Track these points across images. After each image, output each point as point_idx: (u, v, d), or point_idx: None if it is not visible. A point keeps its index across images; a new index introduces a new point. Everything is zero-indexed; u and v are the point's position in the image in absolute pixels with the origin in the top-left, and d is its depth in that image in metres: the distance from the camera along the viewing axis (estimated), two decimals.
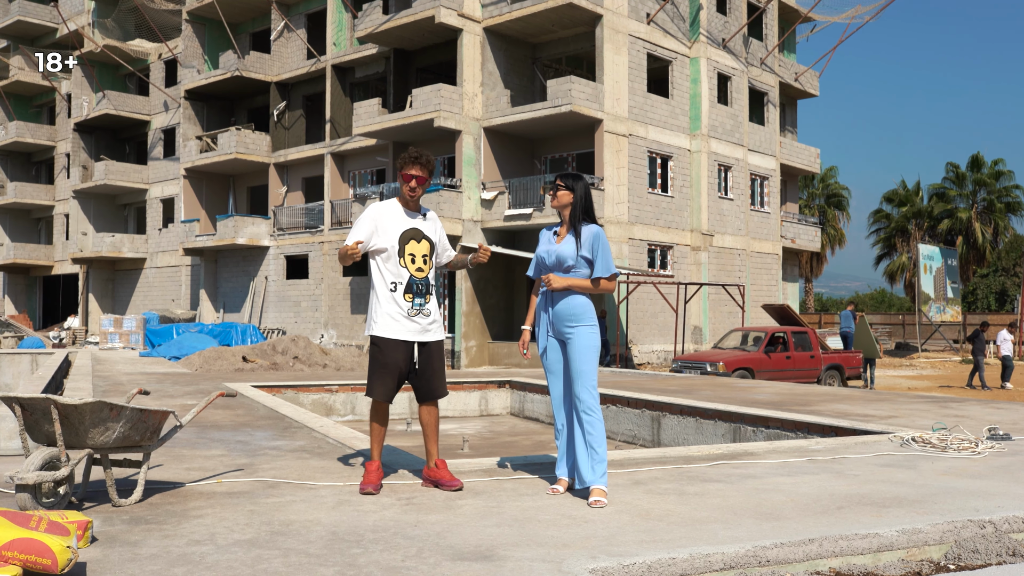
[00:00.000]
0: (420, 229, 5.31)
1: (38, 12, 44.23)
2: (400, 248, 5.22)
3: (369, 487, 5.00)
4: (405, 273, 5.21)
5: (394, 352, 5.16)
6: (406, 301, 5.19)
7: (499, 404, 14.37)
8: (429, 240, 5.33)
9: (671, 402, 10.54)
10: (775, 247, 32.13)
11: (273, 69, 33.04)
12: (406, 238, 5.24)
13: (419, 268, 5.25)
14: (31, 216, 48.06)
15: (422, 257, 5.28)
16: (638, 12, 26.66)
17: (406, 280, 5.21)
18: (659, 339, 27.00)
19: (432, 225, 5.40)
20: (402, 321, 5.17)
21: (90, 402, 4.36)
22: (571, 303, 5.12)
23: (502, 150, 26.68)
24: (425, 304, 5.25)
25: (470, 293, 25.61)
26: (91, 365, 17.55)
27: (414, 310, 5.20)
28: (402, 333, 5.17)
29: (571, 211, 5.21)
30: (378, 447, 5.26)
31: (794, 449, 6.79)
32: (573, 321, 5.11)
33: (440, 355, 5.38)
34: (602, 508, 4.72)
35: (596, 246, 5.12)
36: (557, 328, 5.16)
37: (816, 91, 35.69)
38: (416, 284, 5.23)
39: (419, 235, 5.29)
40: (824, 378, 20.29)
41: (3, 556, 3.13)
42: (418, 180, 5.24)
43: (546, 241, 5.28)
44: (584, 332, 5.09)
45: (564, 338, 5.14)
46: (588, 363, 5.07)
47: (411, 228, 5.28)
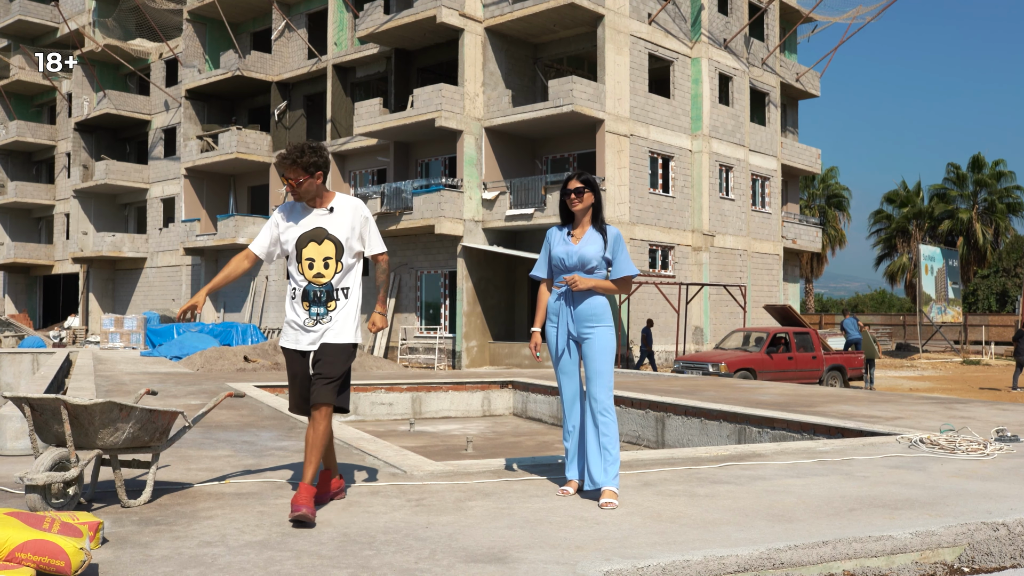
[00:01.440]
0: (324, 228, 4.72)
1: (39, 11, 44.20)
2: (297, 253, 4.72)
3: (301, 508, 4.25)
4: (302, 279, 4.72)
5: (292, 364, 4.77)
6: (303, 310, 4.72)
7: (502, 404, 14.35)
8: (335, 240, 4.72)
9: (675, 403, 10.52)
10: (776, 247, 32.12)
11: (274, 69, 33.03)
12: (304, 240, 4.71)
13: (318, 274, 4.71)
14: (31, 215, 48.03)
15: (323, 261, 4.71)
16: (639, 12, 26.65)
17: (302, 288, 4.72)
18: (660, 340, 26.98)
19: (341, 220, 4.76)
20: (298, 331, 4.73)
21: (100, 403, 4.34)
22: (592, 304, 5.10)
23: (503, 150, 26.66)
24: (327, 313, 4.71)
25: (471, 293, 25.60)
26: (93, 365, 17.52)
27: (311, 320, 4.70)
28: (298, 343, 4.74)
29: (592, 212, 5.22)
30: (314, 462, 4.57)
31: (802, 450, 6.77)
32: (593, 321, 5.08)
33: (330, 360, 4.69)
34: (613, 510, 4.70)
35: (616, 247, 5.15)
36: (577, 329, 5.12)
37: (817, 91, 35.68)
38: (314, 292, 4.71)
39: (321, 236, 4.71)
40: (826, 379, 20.28)
41: (17, 558, 3.11)
42: (291, 185, 4.68)
43: (561, 242, 5.19)
44: (603, 332, 5.08)
45: (582, 339, 5.11)
46: (606, 364, 5.06)
47: (312, 229, 4.72)
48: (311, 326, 4.70)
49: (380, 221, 26.53)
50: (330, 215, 4.75)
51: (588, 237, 5.16)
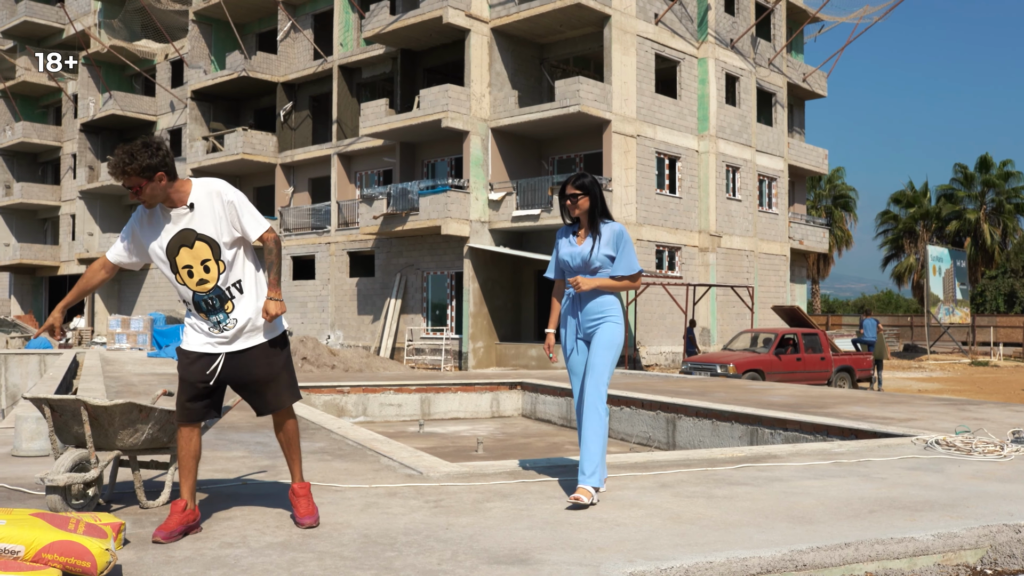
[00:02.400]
0: (192, 229, 4.13)
1: (44, 13, 44.28)
2: (171, 263, 4.17)
3: (160, 534, 3.91)
4: (187, 291, 4.20)
5: (190, 366, 4.20)
6: (202, 320, 4.23)
7: (510, 406, 14.34)
8: (206, 239, 4.14)
9: (686, 404, 10.50)
10: (783, 248, 32.08)
11: (280, 69, 33.05)
12: (174, 248, 4.15)
13: (200, 280, 4.17)
14: (37, 216, 48.11)
15: (201, 265, 4.16)
16: (646, 12, 26.63)
17: (190, 298, 4.21)
18: (667, 340, 26.95)
19: (204, 215, 4.15)
20: (201, 335, 4.23)
21: (120, 404, 4.34)
22: (599, 302, 5.08)
23: (510, 151, 26.65)
24: (227, 316, 4.21)
25: (477, 294, 25.59)
26: (101, 366, 17.55)
27: (215, 328, 4.22)
28: (202, 345, 4.22)
29: (590, 213, 5.15)
30: (186, 482, 4.17)
31: (817, 452, 6.75)
32: (599, 317, 5.05)
33: (267, 360, 4.28)
34: (582, 506, 4.67)
35: (620, 243, 5.07)
36: (585, 328, 5.09)
37: (824, 92, 35.63)
38: (203, 300, 4.19)
39: (190, 238, 4.14)
40: (835, 380, 20.24)
41: (43, 559, 3.11)
42: (133, 193, 4.11)
43: (566, 244, 5.18)
44: (608, 327, 5.04)
45: (588, 334, 5.09)
46: (605, 359, 5.00)
47: (178, 233, 4.15)
48: (217, 334, 4.22)
49: (386, 222, 26.53)
50: (192, 213, 4.14)
51: (589, 237, 5.12)
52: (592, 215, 5.12)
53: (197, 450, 4.22)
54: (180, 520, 4.00)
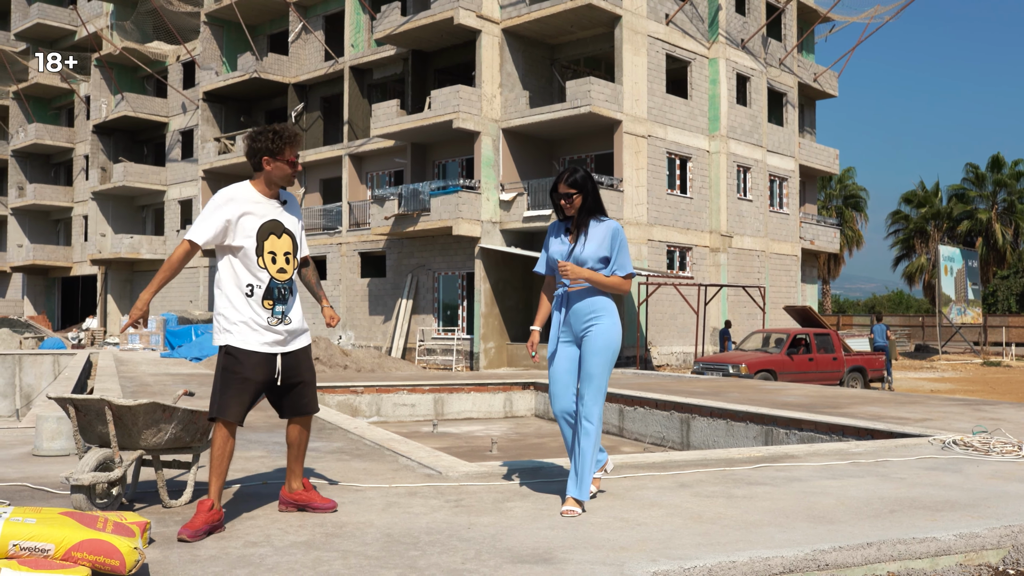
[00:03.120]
0: (281, 222, 4.40)
1: (57, 15, 44.48)
2: (259, 245, 4.32)
3: (186, 532, 3.93)
4: (265, 275, 4.33)
5: (255, 367, 4.27)
6: (265, 309, 4.32)
7: (523, 406, 14.35)
8: (291, 235, 4.44)
9: (701, 404, 10.50)
10: (794, 248, 32.02)
11: (291, 71, 33.13)
12: (265, 232, 4.34)
13: (281, 269, 4.37)
14: (50, 218, 48.32)
15: (284, 256, 4.39)
16: (657, 13, 26.61)
17: (266, 283, 4.33)
18: (678, 341, 26.93)
19: (291, 216, 4.49)
20: (262, 331, 4.31)
21: (144, 403, 4.36)
22: (593, 301, 4.73)
23: (521, 151, 26.66)
24: (287, 311, 4.40)
25: (489, 295, 25.61)
26: (115, 366, 17.62)
27: (275, 319, 4.34)
28: (263, 345, 4.31)
29: (580, 211, 4.79)
30: (218, 484, 4.21)
31: (835, 452, 6.74)
32: (594, 318, 4.70)
33: (309, 364, 4.53)
34: (573, 517, 4.49)
35: (615, 243, 4.74)
36: (575, 328, 4.74)
37: (835, 91, 35.55)
38: (278, 288, 4.36)
39: (279, 228, 4.39)
40: (847, 380, 20.20)
41: (73, 557, 3.13)
42: (292, 165, 4.41)
43: (558, 242, 4.84)
44: (604, 330, 4.69)
45: (581, 336, 4.73)
46: (601, 366, 4.67)
47: (270, 220, 4.37)
48: (275, 325, 4.34)
49: (398, 223, 26.58)
50: (283, 208, 4.44)
51: (586, 235, 4.76)
52: (589, 211, 4.79)
53: (232, 450, 4.29)
54: (206, 519, 4.03)
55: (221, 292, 4.34)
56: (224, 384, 4.24)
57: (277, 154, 4.33)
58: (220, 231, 4.28)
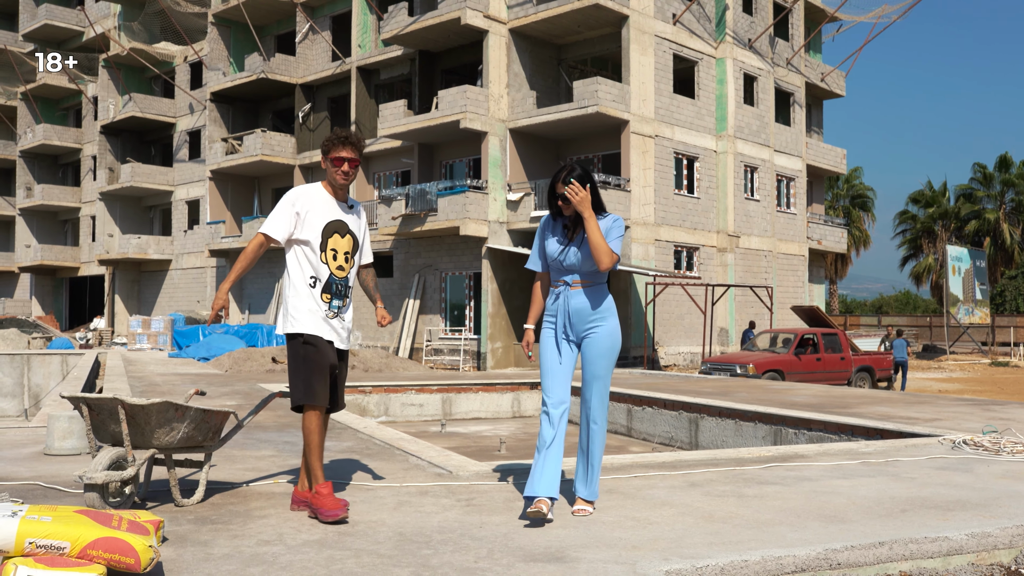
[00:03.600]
0: (345, 223, 4.75)
1: (65, 16, 44.56)
2: (323, 241, 4.66)
3: (340, 511, 4.28)
4: (325, 270, 4.67)
5: (326, 352, 4.60)
6: (323, 301, 4.65)
7: (531, 406, 14.36)
8: (353, 236, 4.79)
9: (709, 404, 10.50)
10: (801, 248, 31.97)
11: (298, 71, 33.17)
12: (330, 230, 4.69)
13: (340, 266, 4.71)
14: (58, 218, 48.45)
15: (344, 254, 4.73)
16: (664, 13, 26.59)
17: (325, 278, 4.67)
18: (685, 341, 26.91)
19: (358, 221, 4.85)
20: (323, 321, 4.63)
21: (157, 402, 4.38)
22: (596, 301, 4.62)
23: (528, 151, 26.66)
24: (343, 308, 4.73)
25: (496, 295, 25.62)
26: (123, 366, 17.67)
27: (331, 312, 4.66)
28: (329, 333, 4.64)
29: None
30: (321, 464, 4.56)
31: (845, 452, 6.73)
32: (597, 318, 4.60)
33: (348, 365, 4.92)
34: (586, 516, 4.49)
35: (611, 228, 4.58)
36: (576, 327, 4.63)
37: (842, 91, 35.49)
38: (335, 284, 4.70)
39: (344, 229, 4.74)
40: (855, 380, 20.17)
41: (88, 555, 3.15)
42: (351, 163, 4.67)
43: (554, 240, 4.66)
44: (607, 332, 4.61)
45: (583, 337, 4.64)
46: (605, 368, 4.63)
47: (336, 220, 4.72)
48: (331, 319, 4.67)
49: (405, 223, 26.59)
50: (351, 212, 4.82)
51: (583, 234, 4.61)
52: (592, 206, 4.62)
53: (325, 434, 4.67)
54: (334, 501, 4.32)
55: (290, 283, 4.68)
56: (306, 370, 4.56)
57: (327, 153, 4.70)
58: (290, 225, 4.64)
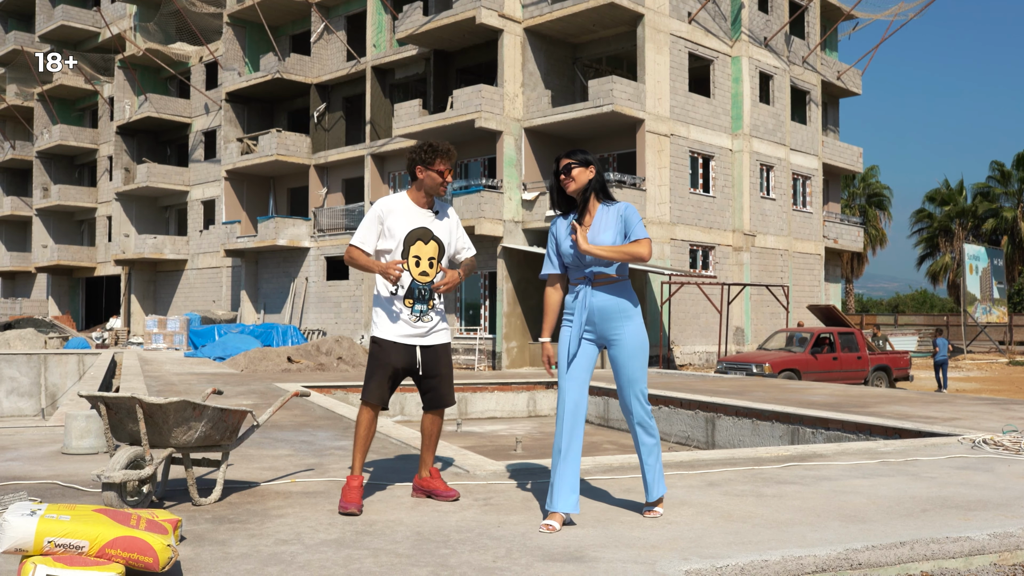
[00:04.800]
0: (430, 229, 4.85)
1: (81, 16, 44.82)
2: (404, 249, 4.79)
3: (351, 507, 4.48)
4: (407, 277, 4.80)
5: (394, 353, 4.75)
6: (406, 306, 4.79)
7: (547, 405, 14.34)
8: (439, 242, 4.87)
9: (726, 403, 10.45)
10: (818, 247, 31.82)
11: (313, 71, 33.23)
12: (413, 238, 4.80)
13: (423, 272, 4.81)
14: (74, 218, 48.72)
15: (428, 260, 4.82)
16: (679, 11, 26.51)
17: (408, 284, 4.80)
18: (701, 340, 26.82)
19: (446, 225, 4.93)
20: (402, 325, 4.78)
21: (174, 401, 4.38)
22: (619, 298, 4.44)
23: (543, 151, 26.63)
24: (427, 311, 4.83)
25: (511, 294, 25.60)
26: (139, 366, 17.75)
27: (414, 316, 4.80)
28: (403, 336, 4.77)
29: (587, 190, 4.50)
30: (361, 459, 4.73)
31: (863, 451, 6.68)
32: (622, 318, 4.43)
33: (448, 360, 4.93)
34: (658, 517, 4.45)
35: (626, 221, 4.42)
36: (600, 328, 4.46)
37: (859, 89, 35.29)
38: (418, 289, 4.81)
39: (427, 235, 4.83)
40: (871, 379, 20.05)
41: (107, 554, 3.15)
42: (446, 177, 4.85)
43: (565, 235, 4.50)
44: (635, 331, 4.43)
45: (608, 340, 4.46)
46: (639, 369, 4.46)
47: (420, 227, 4.82)
48: (414, 322, 4.82)
49: None
50: (436, 218, 4.91)
51: (598, 222, 4.45)
52: (598, 192, 4.53)
53: (375, 431, 4.84)
54: (361, 493, 4.58)
55: (376, 291, 4.89)
56: (370, 370, 4.79)
57: (429, 164, 4.82)
58: (375, 236, 4.84)
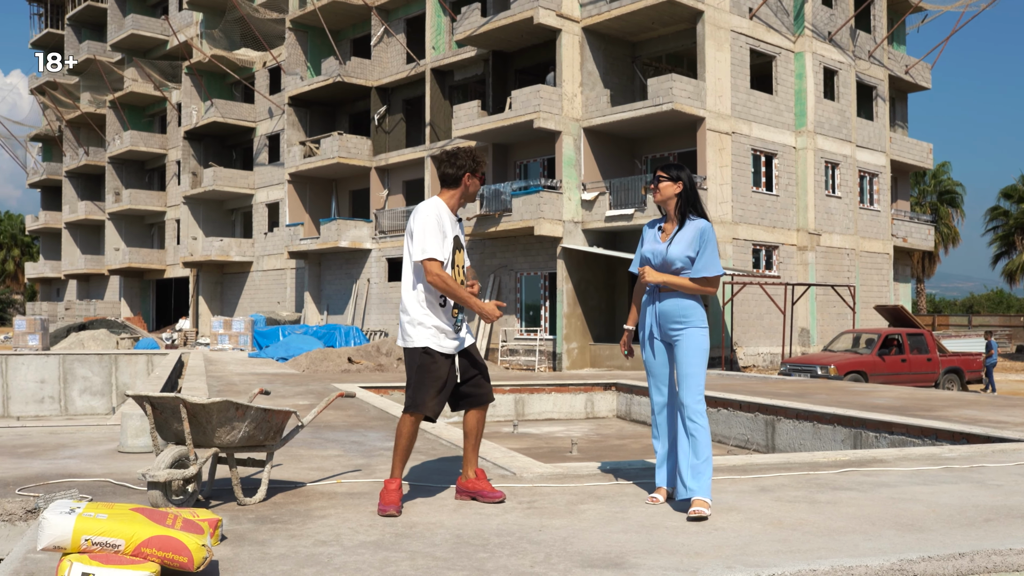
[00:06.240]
0: (460, 238, 4.82)
1: (150, 25, 45.90)
2: (452, 258, 4.70)
3: (390, 508, 4.45)
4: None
5: (444, 366, 4.68)
6: (452, 317, 4.74)
7: (605, 407, 14.21)
8: (464, 250, 4.88)
9: (786, 406, 10.23)
10: (885, 246, 31.11)
11: (373, 74, 33.52)
12: (455, 246, 4.74)
13: (462, 281, 4.77)
14: (144, 222, 49.86)
15: (463, 268, 4.80)
16: (740, 7, 26.14)
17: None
18: (765, 341, 26.40)
19: (463, 232, 4.94)
20: (444, 337, 4.69)
21: (217, 401, 4.40)
22: (679, 303, 4.79)
23: (602, 150, 26.47)
24: (465, 320, 4.86)
25: (571, 295, 25.49)
26: (204, 366, 18.03)
27: (458, 326, 4.77)
28: (451, 348, 4.72)
29: (676, 204, 4.88)
30: (402, 465, 4.69)
31: (926, 456, 6.46)
32: (681, 322, 4.77)
33: (480, 356, 4.92)
34: (703, 520, 4.42)
35: (702, 243, 4.77)
36: (663, 329, 4.84)
37: (928, 83, 34.41)
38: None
39: (459, 244, 4.80)
40: (942, 382, 19.52)
41: (142, 553, 3.15)
42: (479, 183, 4.84)
43: (651, 239, 4.93)
44: (692, 334, 4.76)
45: (671, 340, 4.82)
46: (696, 367, 4.73)
47: (456, 236, 4.77)
48: (457, 333, 4.75)
49: (480, 223, 26.65)
50: (458, 224, 4.83)
51: (676, 235, 4.84)
52: (680, 209, 4.88)
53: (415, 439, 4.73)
54: (400, 496, 4.52)
55: (419, 298, 4.66)
56: (425, 383, 4.63)
57: (475, 172, 4.76)
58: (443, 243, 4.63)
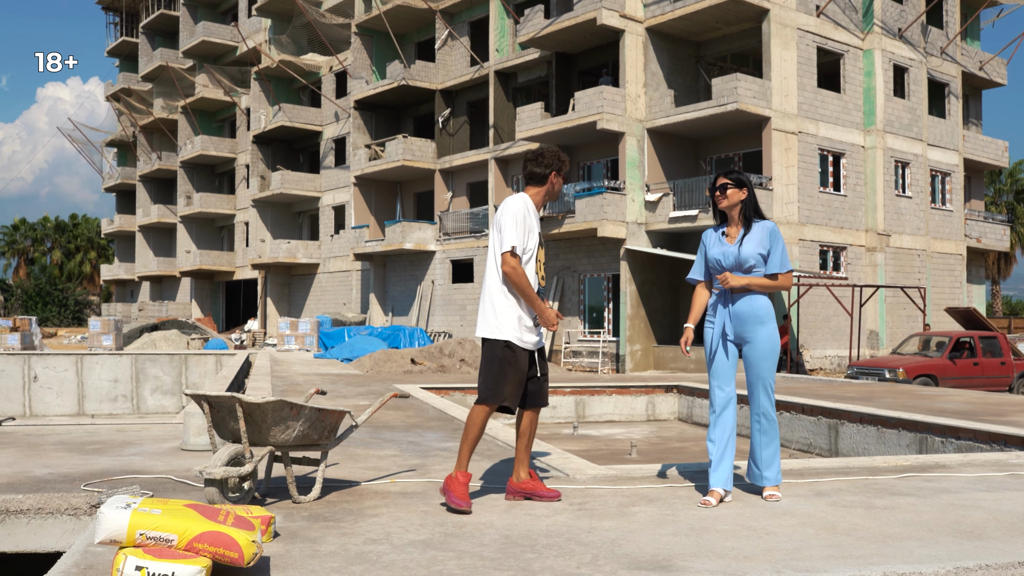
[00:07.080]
0: (540, 234, 4.96)
1: (220, 32, 46.89)
2: (537, 254, 4.87)
3: (463, 504, 4.51)
4: (535, 280, 4.84)
5: (523, 360, 4.77)
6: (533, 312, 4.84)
7: (666, 409, 14.12)
8: (544, 247, 4.99)
9: (850, 410, 10.05)
10: (958, 247, 30.35)
11: (438, 77, 33.76)
12: (539, 242, 4.90)
13: (543, 276, 4.94)
14: (215, 224, 50.91)
15: (542, 264, 4.95)
16: (807, 5, 25.74)
17: (536, 288, 4.83)
18: (832, 344, 25.95)
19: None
20: (528, 332, 4.80)
21: (272, 401, 4.48)
22: (754, 304, 4.97)
23: (666, 151, 26.30)
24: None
25: (635, 296, 25.36)
26: (270, 366, 18.35)
27: (534, 320, 4.88)
28: (530, 344, 4.81)
29: (742, 209, 5.06)
30: (470, 454, 4.73)
31: (992, 463, 6.30)
32: (755, 324, 4.94)
33: (546, 361, 5.03)
34: (777, 502, 4.83)
35: (772, 240, 4.99)
36: (737, 330, 4.98)
37: (1004, 80, 33.50)
38: (541, 293, 4.90)
39: (541, 240, 4.95)
40: (1017, 387, 18.97)
41: (195, 548, 3.24)
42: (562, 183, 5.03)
43: (716, 243, 5.08)
44: (766, 335, 4.97)
45: (744, 341, 4.99)
46: (768, 369, 4.97)
47: (539, 232, 4.92)
48: (537, 327, 4.87)
49: (543, 225, 26.52)
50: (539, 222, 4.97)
51: (745, 236, 5.01)
52: (745, 211, 5.06)
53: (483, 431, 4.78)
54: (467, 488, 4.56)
55: (506, 292, 4.76)
56: (504, 375, 4.70)
57: (560, 171, 4.93)
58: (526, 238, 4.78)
